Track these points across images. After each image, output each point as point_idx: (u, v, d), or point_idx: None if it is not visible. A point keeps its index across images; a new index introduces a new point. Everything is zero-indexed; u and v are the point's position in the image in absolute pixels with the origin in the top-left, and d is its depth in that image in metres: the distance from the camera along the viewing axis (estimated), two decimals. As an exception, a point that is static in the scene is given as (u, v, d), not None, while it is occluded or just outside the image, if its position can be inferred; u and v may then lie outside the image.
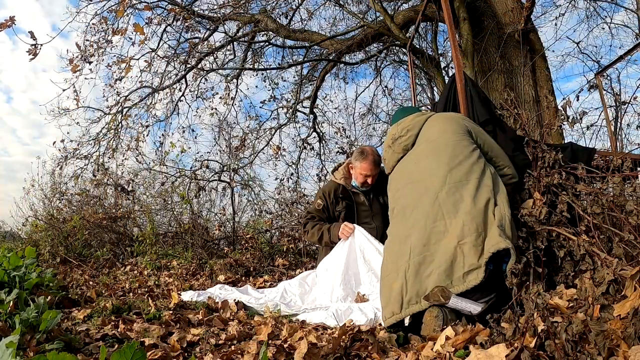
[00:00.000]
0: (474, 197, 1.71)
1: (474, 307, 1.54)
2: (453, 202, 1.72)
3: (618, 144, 3.78)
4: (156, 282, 3.27)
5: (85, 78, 5.98)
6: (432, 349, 1.29)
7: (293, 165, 7.11)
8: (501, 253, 1.58)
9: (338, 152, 7.16)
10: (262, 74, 7.30)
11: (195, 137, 7.33)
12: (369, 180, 2.71)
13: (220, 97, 7.32)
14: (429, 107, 7.93)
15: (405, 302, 1.66)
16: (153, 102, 6.80)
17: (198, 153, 8.17)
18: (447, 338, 1.28)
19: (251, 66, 7.02)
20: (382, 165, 2.54)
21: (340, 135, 7.57)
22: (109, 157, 6.50)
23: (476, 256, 1.57)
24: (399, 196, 2.01)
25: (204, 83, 7.10)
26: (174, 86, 6.69)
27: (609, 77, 4.47)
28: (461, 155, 1.86)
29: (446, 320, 1.50)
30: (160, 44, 6.24)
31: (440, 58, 6.51)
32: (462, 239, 1.62)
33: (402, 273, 1.71)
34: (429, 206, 1.77)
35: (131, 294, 2.85)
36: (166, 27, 6.18)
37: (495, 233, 1.60)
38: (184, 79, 6.63)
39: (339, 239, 2.59)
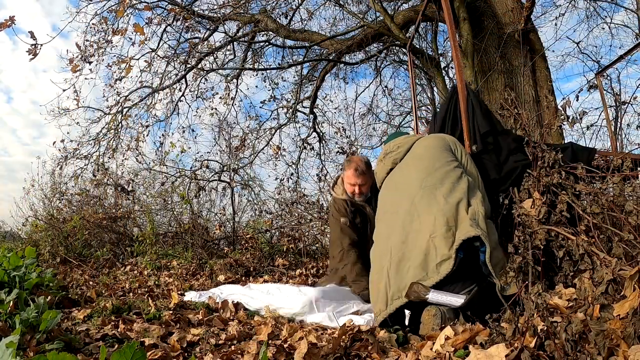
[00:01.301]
0: (446, 197, 1.82)
1: (456, 300, 1.58)
2: (427, 203, 1.84)
3: (618, 144, 3.78)
4: (156, 282, 3.27)
5: (85, 78, 5.98)
6: (431, 349, 1.29)
7: (293, 165, 7.12)
8: (476, 245, 1.65)
9: (338, 152, 7.16)
10: (262, 74, 7.30)
11: (195, 137, 7.33)
12: (357, 190, 2.65)
13: (220, 97, 7.32)
14: (429, 107, 7.93)
15: (389, 298, 1.76)
16: (153, 102, 6.79)
17: (198, 153, 8.19)
18: (447, 338, 1.28)
19: (251, 66, 7.02)
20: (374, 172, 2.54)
21: (340, 135, 7.57)
22: (109, 157, 6.49)
23: (447, 247, 1.65)
24: (383, 203, 2.16)
25: (204, 83, 7.10)
26: (174, 86, 6.68)
27: (609, 77, 4.46)
28: (438, 163, 2.00)
29: (444, 319, 1.52)
30: (160, 44, 6.24)
31: (440, 58, 6.52)
32: (433, 232, 1.72)
33: (385, 271, 1.81)
34: (406, 208, 1.90)
35: (131, 294, 2.85)
36: (166, 27, 6.18)
37: (467, 224, 1.69)
38: (184, 79, 6.62)
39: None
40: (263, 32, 6.57)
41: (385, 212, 2.09)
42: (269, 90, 7.42)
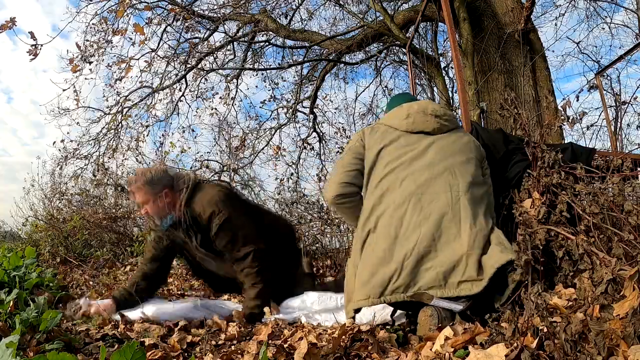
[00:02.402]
0: (485, 216, 1.72)
1: (455, 306, 1.54)
2: (472, 213, 1.69)
3: (618, 144, 3.78)
4: (156, 282, 3.26)
5: (85, 78, 5.98)
6: (431, 349, 1.29)
7: (293, 165, 7.11)
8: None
9: (338, 152, 7.16)
10: (262, 74, 7.30)
11: (195, 137, 7.32)
12: (142, 211, 2.31)
13: (220, 97, 7.32)
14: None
15: (390, 288, 1.61)
16: (153, 102, 6.79)
17: (198, 153, 8.18)
18: (447, 338, 1.28)
19: (251, 66, 7.02)
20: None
21: (340, 135, 7.56)
22: (109, 157, 6.50)
23: (475, 270, 1.57)
24: (404, 171, 1.82)
25: (204, 83, 7.10)
26: (174, 86, 6.68)
27: (609, 77, 4.46)
28: (481, 177, 1.88)
29: (441, 319, 1.50)
30: (160, 44, 6.24)
31: (440, 58, 6.51)
32: (471, 249, 1.60)
33: (400, 258, 1.63)
34: (448, 204, 1.71)
35: (131, 294, 2.85)
36: (166, 27, 6.18)
37: (497, 250, 1.60)
38: (184, 79, 6.62)
39: None
40: (263, 32, 6.57)
41: (413, 193, 1.75)
42: (269, 90, 7.43)
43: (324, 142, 7.44)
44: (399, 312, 1.85)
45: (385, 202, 1.79)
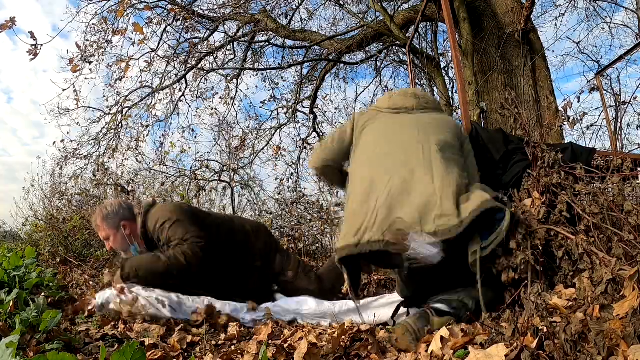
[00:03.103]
0: (460, 176, 1.71)
1: (431, 250, 1.49)
2: (446, 168, 1.69)
3: (618, 144, 3.78)
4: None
5: (85, 78, 5.98)
6: (426, 351, 1.29)
7: (293, 165, 7.11)
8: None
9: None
10: (262, 74, 7.30)
11: (195, 137, 7.33)
12: (107, 245, 2.37)
13: (220, 97, 7.32)
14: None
15: (362, 231, 1.61)
16: (153, 102, 6.80)
17: (198, 153, 8.20)
18: (443, 339, 1.28)
19: (251, 66, 7.02)
20: None
21: (340, 135, 7.55)
22: (109, 157, 6.50)
23: (452, 208, 1.53)
24: (382, 138, 1.92)
25: (204, 83, 7.10)
26: (174, 86, 6.68)
27: (609, 77, 4.47)
28: (458, 150, 1.90)
29: (415, 333, 1.45)
30: (160, 44, 6.24)
31: (440, 58, 6.51)
32: (444, 190, 1.59)
33: (374, 202, 1.64)
34: (421, 155, 1.74)
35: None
36: (166, 27, 6.18)
37: (477, 195, 1.57)
38: (184, 79, 6.62)
39: None
40: (263, 32, 6.57)
41: (389, 142, 1.86)
42: (269, 90, 7.43)
43: (324, 142, 7.43)
44: (399, 312, 1.85)
45: (362, 163, 1.91)
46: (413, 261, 1.55)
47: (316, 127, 7.33)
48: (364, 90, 9.26)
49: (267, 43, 6.69)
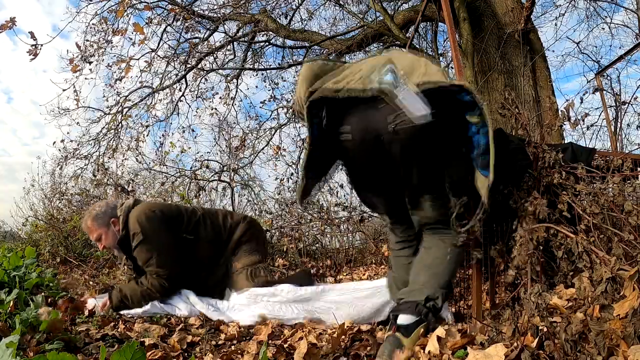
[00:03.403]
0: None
1: (419, 103, 1.35)
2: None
3: (618, 144, 3.78)
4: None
5: (86, 78, 5.98)
6: (423, 352, 1.28)
7: (293, 165, 7.11)
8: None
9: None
10: (262, 74, 7.29)
11: (195, 137, 7.32)
12: (100, 246, 2.50)
13: (220, 97, 7.31)
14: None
15: (344, 82, 1.46)
16: (153, 102, 6.79)
17: (198, 153, 8.20)
18: (439, 338, 1.28)
19: (251, 66, 7.02)
20: None
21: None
22: (109, 157, 6.49)
23: (437, 67, 1.46)
24: None
25: (204, 83, 7.10)
26: (174, 86, 6.68)
27: (609, 77, 4.47)
28: None
29: (392, 349, 1.34)
30: (160, 44, 6.23)
31: (440, 58, 6.51)
32: (425, 60, 1.50)
33: (357, 68, 1.49)
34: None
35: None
36: (166, 27, 6.18)
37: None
38: (184, 79, 6.62)
39: None
40: (263, 32, 6.57)
41: None
42: (269, 90, 7.42)
43: (324, 142, 7.41)
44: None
45: None
46: (399, 118, 1.40)
47: (316, 127, 7.31)
48: (363, 90, 9.22)
49: (267, 43, 6.69)
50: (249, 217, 2.76)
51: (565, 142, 2.97)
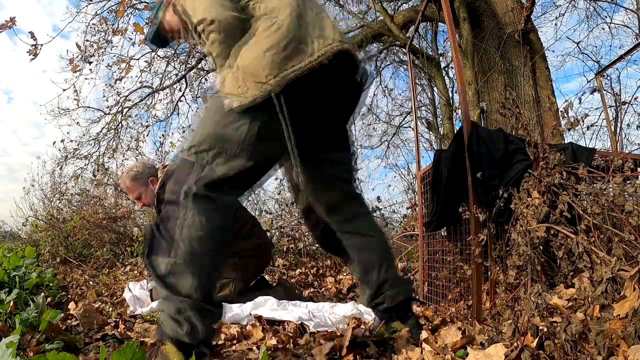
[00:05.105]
0: None
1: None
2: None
3: (618, 144, 3.77)
4: (156, 282, 3.26)
5: (86, 78, 5.98)
6: (421, 352, 1.28)
7: (293, 165, 7.10)
8: None
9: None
10: (262, 74, 7.28)
11: (195, 137, 7.31)
12: (139, 204, 2.63)
13: (220, 97, 7.30)
14: (429, 107, 7.93)
15: (309, 53, 1.31)
16: (153, 102, 6.80)
17: (198, 153, 8.15)
18: (427, 340, 1.28)
19: (251, 66, 7.00)
20: None
21: (340, 135, 7.54)
22: (109, 157, 6.50)
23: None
24: None
25: (204, 83, 7.11)
26: (174, 86, 6.69)
27: (609, 77, 4.46)
28: None
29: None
30: (161, 44, 6.22)
31: (440, 58, 6.51)
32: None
33: (285, 26, 1.32)
34: None
35: (131, 294, 2.85)
36: (166, 27, 6.17)
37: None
38: (184, 79, 6.63)
39: None
40: (263, 32, 6.55)
41: None
42: (269, 90, 7.40)
43: (324, 142, 7.42)
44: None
45: None
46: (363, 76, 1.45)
47: (316, 127, 7.31)
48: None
49: (267, 43, 6.68)
50: (269, 243, 2.73)
51: (565, 142, 2.97)
